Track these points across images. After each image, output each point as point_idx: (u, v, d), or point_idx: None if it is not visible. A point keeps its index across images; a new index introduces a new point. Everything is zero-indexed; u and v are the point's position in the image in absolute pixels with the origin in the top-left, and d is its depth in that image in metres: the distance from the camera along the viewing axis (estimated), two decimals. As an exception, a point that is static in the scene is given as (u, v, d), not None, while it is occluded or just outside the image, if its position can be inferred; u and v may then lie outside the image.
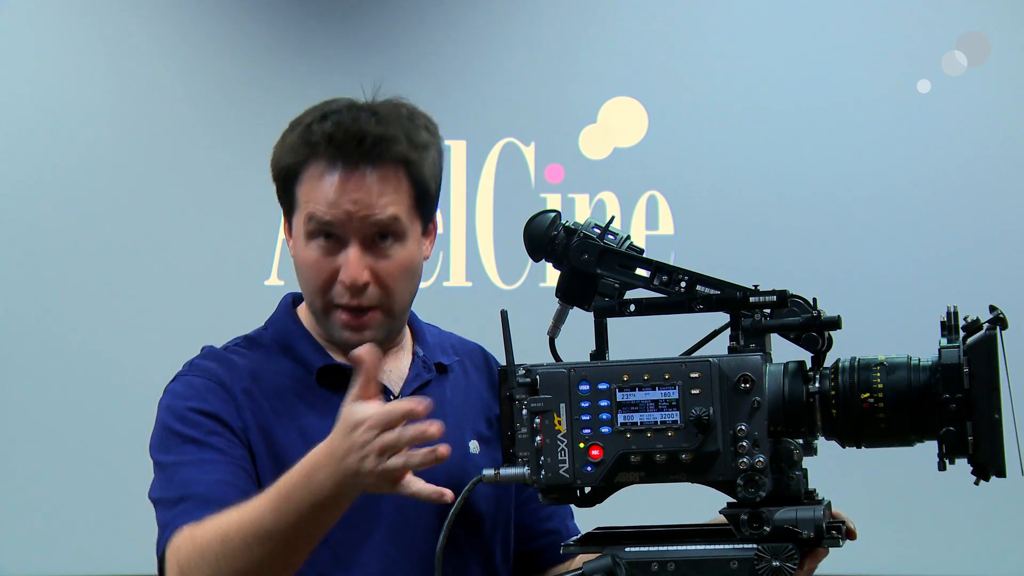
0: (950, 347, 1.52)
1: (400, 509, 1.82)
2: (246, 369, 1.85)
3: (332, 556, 1.79)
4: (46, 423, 4.27)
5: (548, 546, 1.98)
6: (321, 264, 1.82)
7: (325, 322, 1.85)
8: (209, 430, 1.79)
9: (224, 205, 4.34)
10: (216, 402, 1.80)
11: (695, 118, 4.31)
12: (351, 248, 1.80)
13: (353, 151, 1.78)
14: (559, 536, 1.95)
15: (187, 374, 1.86)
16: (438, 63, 4.36)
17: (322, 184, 1.80)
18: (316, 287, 1.83)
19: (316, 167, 1.80)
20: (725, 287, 1.63)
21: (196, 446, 1.77)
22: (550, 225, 1.70)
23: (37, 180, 4.39)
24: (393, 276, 1.82)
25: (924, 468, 1.65)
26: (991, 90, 4.22)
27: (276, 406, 1.82)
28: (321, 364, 1.86)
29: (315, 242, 1.82)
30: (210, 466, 1.75)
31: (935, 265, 4.17)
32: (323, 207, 1.79)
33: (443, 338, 2.01)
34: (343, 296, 1.81)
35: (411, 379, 1.89)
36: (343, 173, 1.79)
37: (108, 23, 4.45)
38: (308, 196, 1.81)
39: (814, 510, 1.55)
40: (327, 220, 1.80)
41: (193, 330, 3.70)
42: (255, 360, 1.87)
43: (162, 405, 1.84)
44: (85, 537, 4.14)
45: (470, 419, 1.93)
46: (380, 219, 1.80)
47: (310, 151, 1.81)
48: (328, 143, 1.79)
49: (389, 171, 1.80)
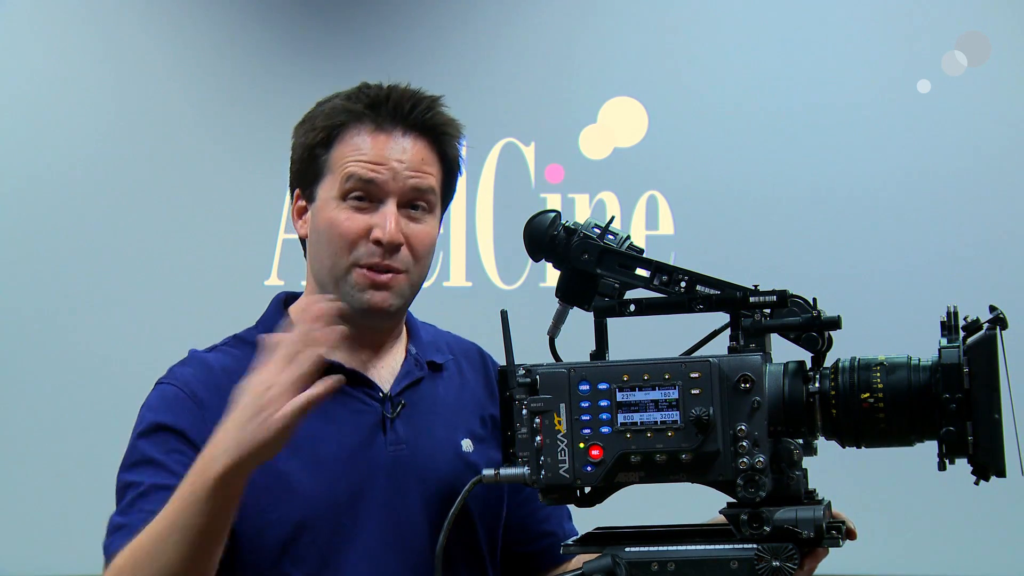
0: (950, 347, 1.52)
1: (389, 509, 1.81)
2: (227, 370, 1.81)
3: (319, 557, 1.78)
4: (46, 423, 4.27)
5: (545, 548, 1.98)
6: (354, 222, 1.80)
7: (343, 284, 1.81)
8: (170, 448, 1.76)
9: (224, 205, 4.34)
10: (184, 416, 1.78)
11: (695, 118, 4.31)
12: (389, 206, 1.80)
13: (406, 113, 1.82)
14: (556, 538, 1.95)
15: (164, 382, 1.83)
16: (438, 63, 4.36)
17: (369, 142, 1.81)
18: (343, 245, 1.80)
19: (359, 127, 1.82)
20: (725, 287, 1.63)
21: (153, 468, 1.73)
22: (550, 225, 1.70)
23: (37, 180, 4.39)
24: (423, 244, 1.83)
25: (924, 468, 1.65)
26: (991, 90, 4.22)
27: None
28: None
29: (349, 202, 1.81)
30: (161, 493, 1.69)
31: (935, 265, 4.17)
32: (368, 164, 1.80)
33: (439, 336, 2.00)
34: (373, 255, 1.79)
35: (402, 376, 1.88)
36: (391, 132, 1.82)
37: (108, 23, 4.45)
38: (348, 155, 1.81)
39: (814, 510, 1.55)
40: (371, 178, 1.80)
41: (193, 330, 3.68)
42: (241, 359, 1.83)
43: (139, 415, 1.83)
44: (85, 537, 4.13)
45: (463, 418, 1.92)
46: (421, 184, 1.82)
47: (350, 115, 1.82)
48: (377, 106, 1.82)
49: (429, 145, 1.84)
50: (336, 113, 1.83)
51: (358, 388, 1.84)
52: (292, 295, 1.94)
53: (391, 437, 1.83)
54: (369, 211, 1.80)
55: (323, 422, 1.80)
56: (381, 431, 1.83)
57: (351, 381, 1.83)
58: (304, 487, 1.78)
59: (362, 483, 1.80)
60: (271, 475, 1.76)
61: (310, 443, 1.78)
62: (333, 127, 1.83)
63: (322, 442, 1.80)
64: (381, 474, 1.81)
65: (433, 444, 1.86)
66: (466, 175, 4.61)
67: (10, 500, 4.26)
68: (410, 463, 1.83)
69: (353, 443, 1.81)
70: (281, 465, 1.76)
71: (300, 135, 1.87)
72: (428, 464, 1.84)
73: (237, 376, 1.79)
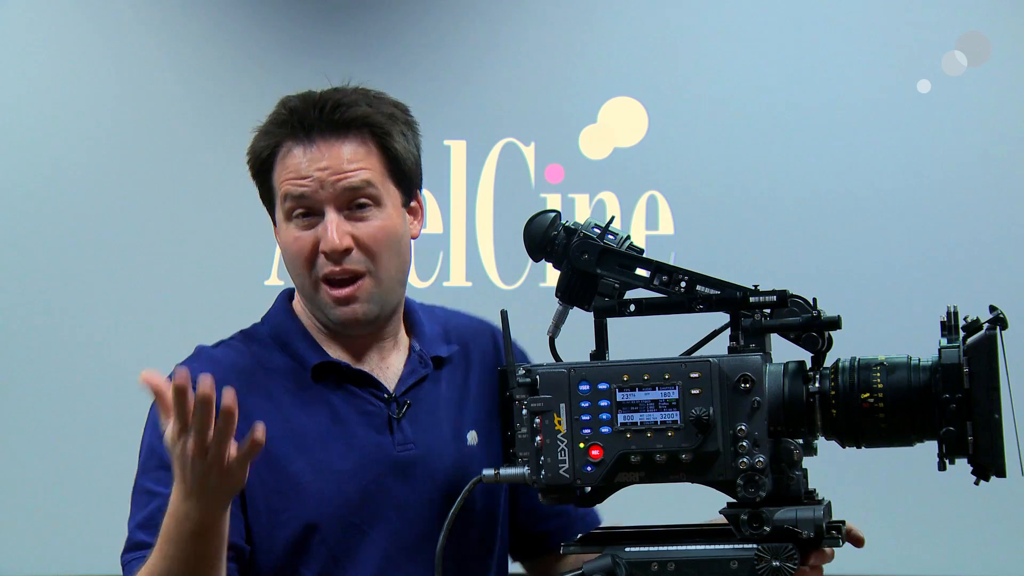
0: (950, 347, 1.52)
1: (398, 509, 1.82)
2: (235, 368, 1.82)
3: (330, 557, 1.79)
4: (46, 423, 4.27)
5: (556, 528, 1.97)
6: (302, 240, 1.81)
7: (315, 302, 1.83)
8: None
9: (224, 205, 4.34)
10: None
11: (695, 118, 4.30)
12: (328, 215, 1.80)
13: (316, 120, 1.81)
14: (568, 518, 1.95)
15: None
16: (438, 63, 4.35)
17: (292, 159, 1.81)
18: (300, 264, 1.82)
19: (284, 147, 1.83)
20: (725, 287, 1.63)
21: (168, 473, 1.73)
22: (550, 225, 1.70)
23: (37, 180, 4.38)
24: (375, 239, 1.81)
25: (924, 468, 1.65)
26: (991, 90, 4.22)
27: (267, 408, 1.79)
28: (317, 361, 1.84)
29: (294, 221, 1.82)
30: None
31: (935, 265, 4.17)
32: (295, 181, 1.80)
33: (447, 322, 1.99)
34: (326, 266, 1.80)
35: (406, 376, 1.88)
36: (309, 143, 1.81)
37: (108, 23, 4.44)
38: (281, 176, 1.83)
39: (814, 510, 1.55)
40: (300, 193, 1.80)
41: (193, 330, 3.67)
42: (248, 355, 1.86)
43: (148, 418, 1.82)
44: (85, 537, 4.13)
45: (468, 411, 1.92)
46: (352, 183, 1.81)
47: (276, 136, 1.84)
48: (291, 118, 1.82)
49: (355, 138, 1.82)
50: (260, 140, 1.86)
51: (365, 389, 1.85)
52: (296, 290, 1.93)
53: (398, 437, 1.83)
54: (315, 225, 1.81)
55: (331, 423, 1.81)
56: (388, 431, 1.83)
57: (358, 382, 1.84)
58: (313, 488, 1.78)
59: (371, 483, 1.81)
60: (281, 477, 1.77)
61: (319, 444, 1.80)
62: (261, 155, 1.85)
63: (331, 443, 1.80)
64: (389, 474, 1.82)
65: (440, 442, 1.86)
66: (466, 175, 4.62)
67: (10, 500, 4.26)
68: (418, 462, 1.83)
69: (361, 444, 1.82)
70: (291, 467, 1.78)
71: (248, 163, 1.90)
72: (435, 462, 1.85)
73: (245, 371, 1.80)
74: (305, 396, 1.83)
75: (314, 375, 1.84)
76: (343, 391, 1.84)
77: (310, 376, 1.84)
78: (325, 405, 1.83)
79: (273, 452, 1.76)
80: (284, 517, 1.77)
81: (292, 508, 1.77)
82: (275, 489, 1.77)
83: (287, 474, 1.77)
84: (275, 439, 1.77)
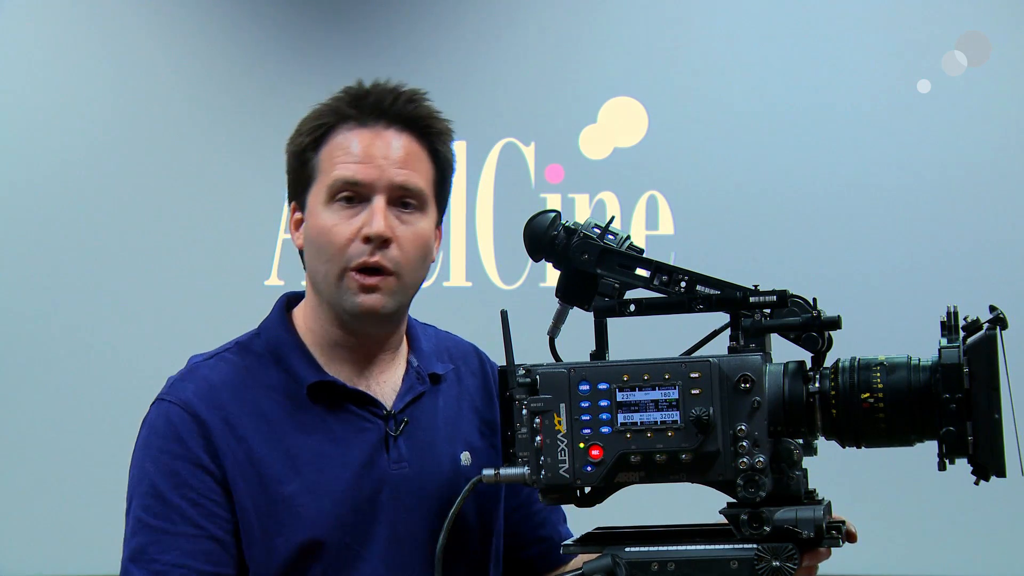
0: (950, 347, 1.51)
1: (392, 527, 1.80)
2: (228, 385, 1.79)
3: (330, 564, 1.78)
4: (47, 423, 4.27)
5: (541, 553, 1.97)
6: (342, 225, 1.77)
7: (337, 290, 1.79)
8: (180, 482, 1.74)
9: (224, 205, 4.34)
10: (192, 445, 1.75)
11: (695, 118, 4.31)
12: (377, 202, 1.77)
13: (388, 107, 1.79)
14: (552, 543, 1.95)
15: (166, 399, 1.79)
16: (438, 63, 4.36)
17: (352, 142, 1.79)
18: (334, 249, 1.77)
19: (344, 128, 1.80)
20: (725, 287, 1.63)
21: (157, 502, 1.72)
22: (550, 225, 1.69)
23: (38, 180, 4.39)
24: (412, 243, 1.79)
25: (924, 468, 1.65)
26: (991, 90, 4.22)
27: (261, 429, 1.77)
28: (313, 380, 1.81)
29: (337, 203, 1.78)
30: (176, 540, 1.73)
31: (935, 265, 4.17)
32: (352, 165, 1.78)
33: (440, 342, 1.97)
34: (362, 254, 1.76)
35: (404, 392, 1.86)
36: (374, 131, 1.79)
37: (109, 23, 4.45)
38: (335, 157, 1.79)
39: (814, 510, 1.55)
40: (355, 178, 1.77)
41: (194, 330, 3.70)
42: (243, 370, 1.82)
43: (141, 437, 1.80)
44: (85, 537, 4.14)
45: (462, 430, 1.91)
46: (408, 182, 1.79)
47: (337, 117, 1.81)
48: (359, 102, 1.80)
49: (415, 143, 1.81)
50: (321, 115, 1.82)
51: (363, 407, 1.82)
52: (295, 296, 1.91)
53: (394, 455, 1.81)
54: (358, 213, 1.78)
55: (327, 442, 1.79)
56: (384, 449, 1.81)
57: (355, 400, 1.82)
58: (308, 509, 1.76)
59: (366, 502, 1.79)
60: (275, 499, 1.75)
61: (313, 465, 1.77)
62: (318, 128, 1.81)
63: (325, 463, 1.78)
64: (384, 493, 1.80)
65: (434, 460, 1.85)
66: (466, 175, 4.62)
67: (10, 500, 4.26)
68: (412, 481, 1.82)
69: (357, 463, 1.79)
70: (285, 489, 1.76)
71: (290, 145, 1.86)
72: (429, 481, 1.83)
73: (239, 389, 1.78)
74: (300, 415, 1.80)
75: (309, 394, 1.80)
76: (339, 409, 1.81)
77: (305, 394, 1.80)
78: (320, 424, 1.80)
79: (266, 474, 1.75)
80: (279, 540, 1.75)
81: (286, 531, 1.75)
82: (268, 512, 1.75)
83: (281, 496, 1.75)
84: (268, 460, 1.75)
